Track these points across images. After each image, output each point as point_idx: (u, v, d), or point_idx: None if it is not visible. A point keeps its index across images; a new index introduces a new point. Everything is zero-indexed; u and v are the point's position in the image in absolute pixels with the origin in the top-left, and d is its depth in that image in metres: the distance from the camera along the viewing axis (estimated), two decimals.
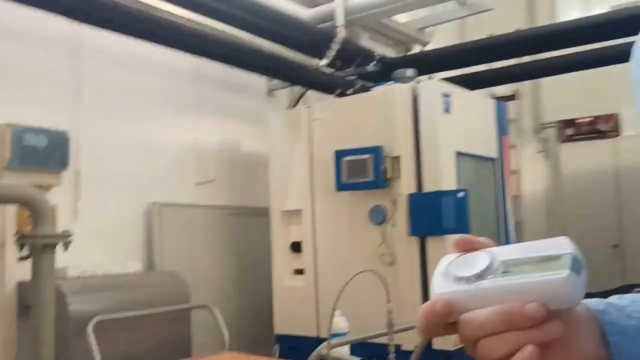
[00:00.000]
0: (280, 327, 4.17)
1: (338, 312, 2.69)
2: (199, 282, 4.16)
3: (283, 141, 4.27)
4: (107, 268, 3.79)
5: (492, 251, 0.57)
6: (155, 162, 4.25)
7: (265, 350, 3.96)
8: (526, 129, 7.89)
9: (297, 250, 4.15)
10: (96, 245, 3.77)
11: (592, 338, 0.57)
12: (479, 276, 0.55)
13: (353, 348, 2.61)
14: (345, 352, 2.55)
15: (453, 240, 0.60)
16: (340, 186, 3.80)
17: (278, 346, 4.03)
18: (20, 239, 2.61)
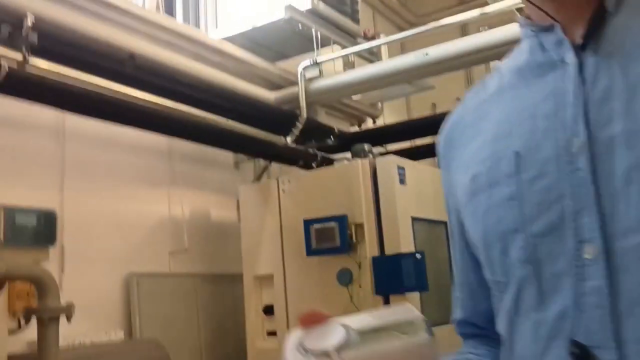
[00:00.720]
0: None
1: None
2: (177, 348, 4.38)
3: (253, 211, 4.64)
4: (92, 337, 3.98)
5: (343, 322, 0.56)
6: (132, 235, 4.53)
7: None
8: None
9: (270, 312, 4.46)
10: (81, 316, 3.96)
11: None
12: (340, 348, 0.53)
13: None
14: None
15: (298, 316, 0.57)
16: (310, 251, 4.17)
17: None
18: (27, 313, 2.85)
